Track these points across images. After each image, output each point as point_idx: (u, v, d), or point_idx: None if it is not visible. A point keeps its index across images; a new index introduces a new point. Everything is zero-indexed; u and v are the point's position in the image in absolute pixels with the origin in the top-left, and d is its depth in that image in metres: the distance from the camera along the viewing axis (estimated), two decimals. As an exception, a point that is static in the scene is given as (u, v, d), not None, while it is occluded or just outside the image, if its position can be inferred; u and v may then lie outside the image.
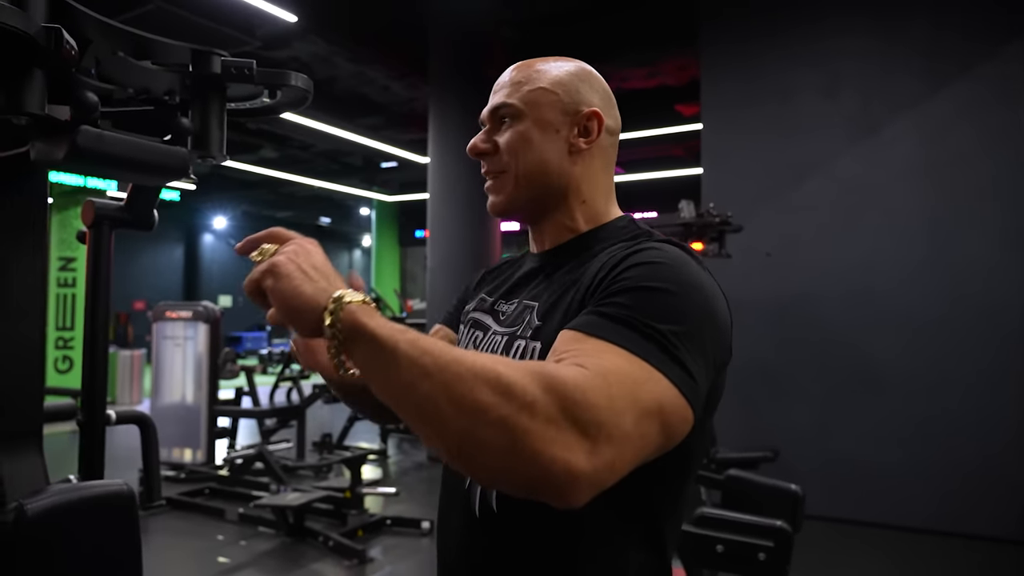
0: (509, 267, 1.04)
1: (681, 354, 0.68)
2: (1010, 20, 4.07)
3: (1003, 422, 3.98)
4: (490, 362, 0.60)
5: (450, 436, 0.59)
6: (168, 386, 5.69)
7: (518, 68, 0.93)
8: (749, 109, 4.83)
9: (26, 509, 0.86)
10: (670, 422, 0.66)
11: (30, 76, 0.80)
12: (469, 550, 0.86)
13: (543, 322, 0.83)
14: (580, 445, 0.58)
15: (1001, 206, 4.06)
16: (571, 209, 0.91)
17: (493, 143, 0.92)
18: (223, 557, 3.80)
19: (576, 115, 0.89)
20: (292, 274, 0.65)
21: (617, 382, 0.62)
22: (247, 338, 18.28)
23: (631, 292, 0.72)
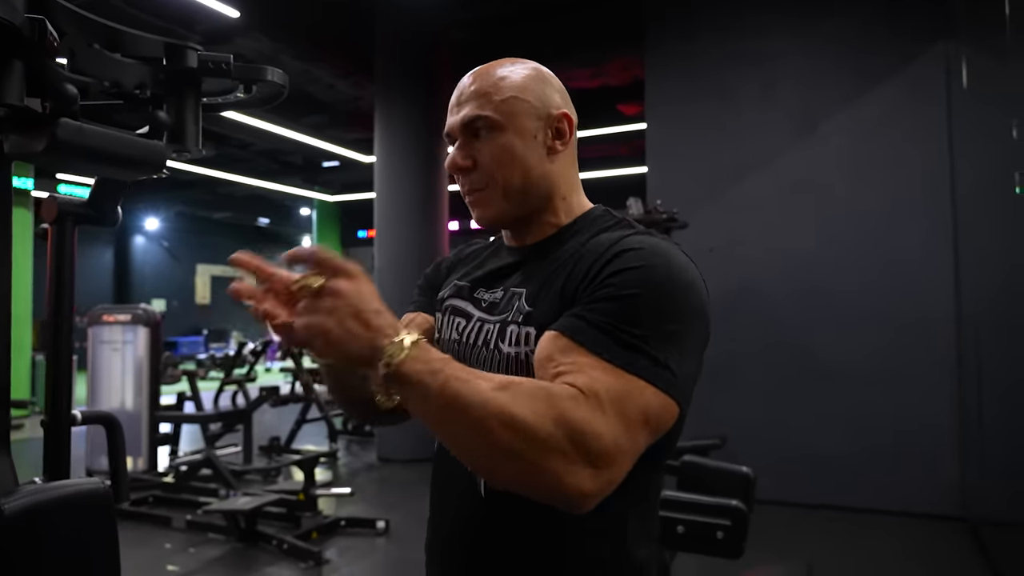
0: (480, 254, 1.05)
1: (662, 355, 0.74)
2: (934, 21, 4.30)
3: (940, 409, 4.22)
4: (507, 400, 0.68)
5: (480, 467, 0.74)
6: (105, 392, 5.48)
7: (478, 77, 0.92)
8: (692, 107, 4.98)
9: (3, 509, 0.85)
10: (657, 425, 0.75)
11: (10, 67, 0.79)
12: (474, 528, 0.89)
13: (533, 307, 0.87)
14: (588, 472, 0.68)
15: (932, 200, 4.30)
16: (554, 207, 0.94)
17: (472, 159, 0.91)
18: (172, 565, 3.70)
19: (548, 119, 0.91)
20: (340, 340, 0.67)
21: (610, 402, 0.71)
22: (183, 343, 17.72)
23: (613, 300, 0.77)
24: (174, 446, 6.05)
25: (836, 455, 4.42)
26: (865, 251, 4.43)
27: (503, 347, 0.87)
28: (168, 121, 0.99)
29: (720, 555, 1.81)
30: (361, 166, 11.24)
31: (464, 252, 1.11)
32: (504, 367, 0.86)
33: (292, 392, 7.00)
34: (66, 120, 0.83)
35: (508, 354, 0.86)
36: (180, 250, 20.23)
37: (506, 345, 0.87)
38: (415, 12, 6.03)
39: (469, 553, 0.89)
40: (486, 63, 0.95)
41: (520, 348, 0.85)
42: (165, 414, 5.63)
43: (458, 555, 0.91)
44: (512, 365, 0.86)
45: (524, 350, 0.85)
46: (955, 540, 3.89)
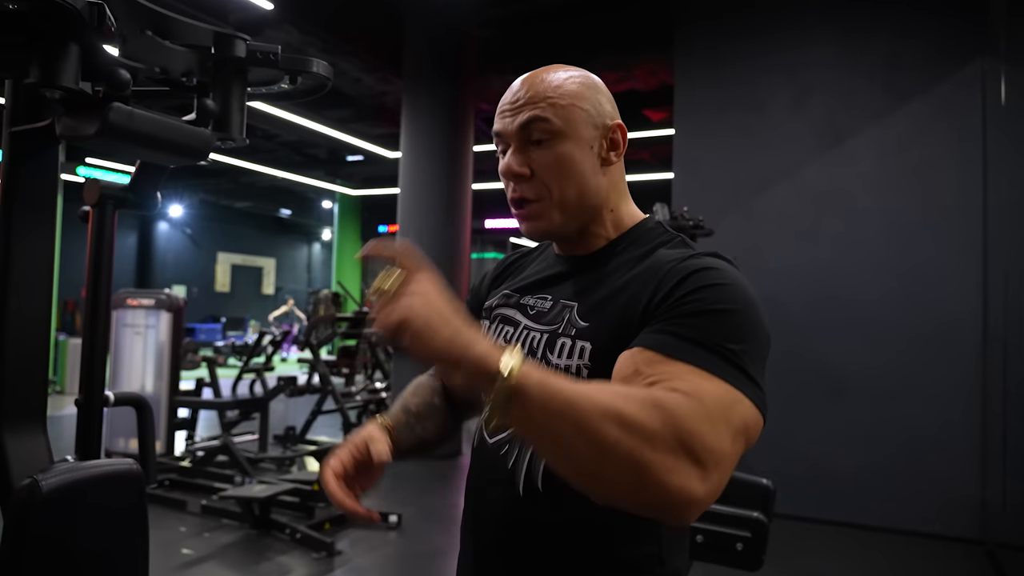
0: (526, 261, 1.05)
1: (752, 371, 0.74)
2: (970, 38, 4.25)
3: (960, 428, 4.15)
4: (610, 397, 0.65)
5: (582, 469, 0.66)
6: (127, 375, 5.55)
7: (534, 82, 0.90)
8: (720, 115, 4.95)
9: (40, 485, 0.86)
10: (752, 435, 0.73)
11: (66, 50, 0.80)
12: (510, 525, 0.89)
13: (587, 322, 0.86)
14: (696, 473, 0.64)
15: (961, 219, 4.23)
16: (603, 219, 0.93)
17: (528, 167, 0.89)
18: (187, 549, 3.74)
19: (604, 129, 0.90)
20: (424, 330, 0.64)
21: (714, 407, 0.69)
22: (201, 330, 17.88)
23: (705, 315, 0.76)
24: (191, 431, 6.11)
25: (849, 470, 4.37)
26: (888, 265, 4.38)
27: (552, 358, 0.87)
28: (215, 109, 1.00)
29: (739, 567, 1.80)
30: (385, 161, 11.28)
31: (508, 261, 1.11)
32: None
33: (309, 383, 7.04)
34: (118, 104, 0.84)
35: (557, 366, 0.86)
36: (202, 238, 20.43)
37: (555, 357, 0.86)
38: (444, 9, 6.04)
39: (506, 552, 0.89)
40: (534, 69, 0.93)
41: (572, 361, 0.84)
42: (184, 399, 5.68)
43: (492, 549, 0.91)
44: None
45: (576, 363, 0.84)
46: (970, 563, 3.84)
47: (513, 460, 0.89)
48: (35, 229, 1.01)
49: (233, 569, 3.58)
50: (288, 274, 23.36)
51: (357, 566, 3.61)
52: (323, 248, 23.92)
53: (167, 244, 19.94)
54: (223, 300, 21.10)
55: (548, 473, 0.85)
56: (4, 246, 0.96)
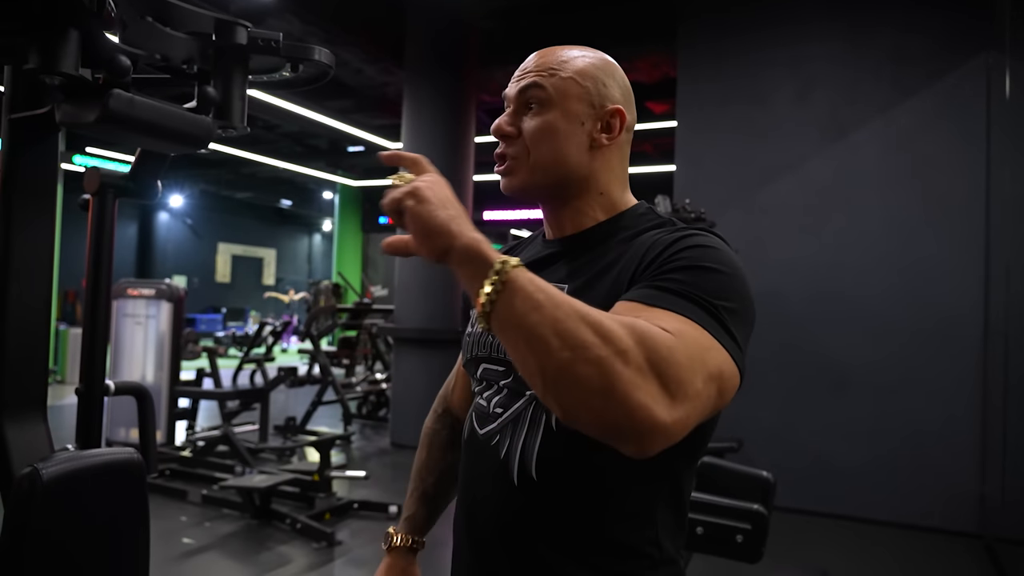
0: (518, 250, 1.07)
1: (732, 328, 0.74)
2: (974, 33, 4.23)
3: (961, 423, 4.15)
4: (590, 309, 0.66)
5: (551, 366, 0.64)
6: (127, 365, 5.55)
7: (545, 54, 0.94)
8: (723, 108, 4.93)
9: (41, 473, 0.86)
10: (725, 387, 0.72)
11: (65, 36, 0.79)
12: (505, 516, 0.89)
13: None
14: (663, 398, 0.63)
15: (963, 214, 4.22)
16: (590, 199, 0.94)
17: (517, 127, 0.93)
18: (187, 538, 3.75)
19: (601, 110, 0.91)
20: (430, 200, 0.70)
21: (690, 345, 0.68)
22: (201, 320, 17.90)
23: (688, 270, 0.77)
24: (192, 421, 6.13)
25: (850, 463, 4.38)
26: (889, 258, 4.37)
27: None
28: (216, 97, 0.99)
29: (739, 559, 1.80)
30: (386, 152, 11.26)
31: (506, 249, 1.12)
32: None
33: (309, 374, 7.05)
34: (118, 91, 0.83)
35: None
36: (202, 228, 20.41)
37: None
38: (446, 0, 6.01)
39: (506, 542, 0.89)
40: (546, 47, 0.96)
41: None
42: (184, 389, 5.69)
43: (491, 540, 0.91)
44: None
45: None
46: (969, 557, 3.85)
47: (505, 450, 0.89)
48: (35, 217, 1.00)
49: (234, 559, 3.59)
50: (289, 265, 23.36)
51: (357, 556, 3.62)
52: (324, 239, 23.91)
53: (168, 234, 19.93)
54: (224, 290, 21.11)
55: (542, 461, 0.86)
56: (4, 234, 0.95)
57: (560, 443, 0.85)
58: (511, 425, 0.89)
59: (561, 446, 0.85)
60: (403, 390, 6.15)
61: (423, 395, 6.04)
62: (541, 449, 0.85)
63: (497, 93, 8.94)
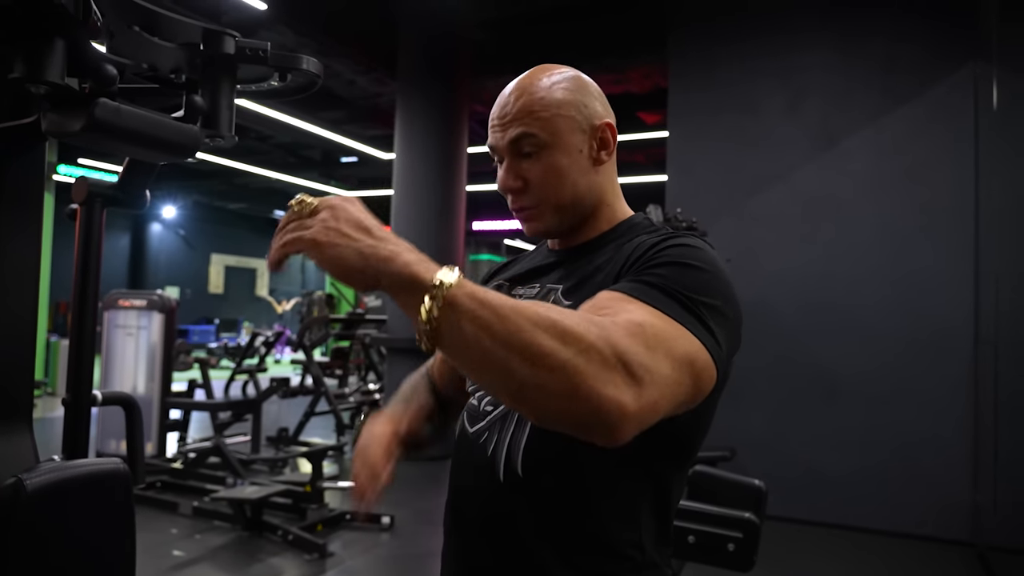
0: (520, 259, 1.10)
1: (709, 322, 0.75)
2: (962, 42, 4.26)
3: (952, 432, 4.16)
4: (544, 310, 0.64)
5: (513, 382, 0.63)
6: (118, 376, 5.52)
7: (521, 93, 0.93)
8: (714, 118, 4.96)
9: (25, 484, 0.85)
10: (700, 376, 0.73)
11: (51, 45, 0.79)
12: (492, 514, 0.90)
13: (571, 301, 0.89)
14: (629, 386, 0.63)
15: (953, 223, 4.25)
16: (598, 213, 0.98)
17: (522, 179, 0.94)
18: (178, 551, 3.72)
19: (592, 130, 0.94)
20: (332, 243, 0.65)
21: (655, 334, 0.69)
22: (194, 331, 17.82)
23: (668, 266, 0.79)
24: (183, 432, 6.08)
25: (842, 472, 4.38)
26: (881, 268, 4.39)
27: None
28: (203, 106, 0.99)
29: (730, 567, 1.80)
30: (379, 162, 11.27)
31: (505, 263, 1.17)
32: None
33: (302, 384, 7.02)
34: (104, 100, 0.83)
35: None
36: (195, 239, 20.36)
37: None
38: (438, 11, 6.04)
39: (490, 538, 0.90)
40: (524, 73, 0.96)
41: None
42: (176, 400, 5.65)
43: (476, 535, 0.92)
44: None
45: None
46: (962, 565, 3.85)
47: (492, 447, 0.90)
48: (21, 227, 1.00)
49: (225, 571, 3.56)
50: (281, 276, 23.29)
51: (349, 568, 3.60)
52: (317, 250, 23.79)
53: (160, 245, 19.86)
54: (217, 302, 21.03)
55: (528, 459, 0.87)
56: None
57: (545, 441, 0.85)
58: (499, 422, 0.91)
59: (546, 444, 0.85)
60: (396, 400, 6.13)
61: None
62: (527, 446, 0.87)
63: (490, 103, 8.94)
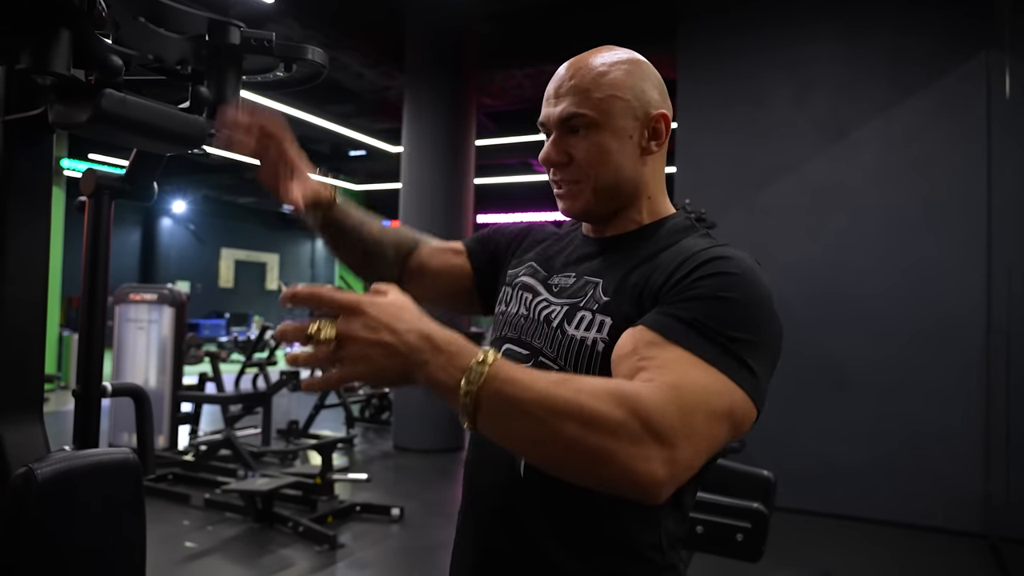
0: (558, 240, 1.06)
1: (749, 359, 0.74)
2: (973, 32, 4.22)
3: (963, 422, 4.14)
4: (572, 393, 0.65)
5: (547, 464, 0.68)
6: (130, 370, 5.57)
7: (578, 69, 0.91)
8: (723, 109, 4.92)
9: (36, 473, 0.86)
10: (739, 422, 0.73)
11: (57, 36, 0.80)
12: (511, 507, 0.89)
13: (610, 298, 0.87)
14: (659, 454, 0.65)
15: (964, 213, 4.21)
16: (639, 205, 0.94)
17: (567, 154, 0.91)
18: (190, 542, 3.75)
19: (646, 118, 0.90)
20: (368, 364, 0.65)
21: (692, 393, 0.69)
22: (204, 325, 17.92)
23: (706, 300, 0.77)
24: (195, 425, 6.13)
25: (852, 463, 4.36)
26: (890, 258, 4.36)
27: (568, 329, 0.88)
28: (209, 97, 0.99)
29: (739, 557, 1.80)
30: (387, 156, 11.27)
31: (537, 230, 1.12)
32: (567, 348, 0.87)
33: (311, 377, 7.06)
34: (110, 91, 0.84)
35: (573, 336, 0.87)
36: (205, 233, 20.46)
37: (572, 328, 0.87)
38: (446, 3, 6.03)
39: (510, 533, 0.89)
40: (583, 52, 0.93)
41: (591, 334, 0.85)
42: (187, 394, 5.70)
43: (493, 523, 0.91)
44: (575, 348, 0.86)
45: (595, 336, 0.85)
46: (973, 557, 3.83)
47: None
48: (30, 219, 1.00)
49: (236, 562, 3.59)
50: (292, 270, 23.39)
51: (359, 559, 3.62)
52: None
53: (171, 240, 19.96)
54: (227, 296, 21.14)
55: None
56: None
57: None
58: None
59: None
60: (406, 394, 6.14)
61: (425, 399, 6.04)
62: None
63: (497, 96, 8.96)
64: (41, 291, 1.04)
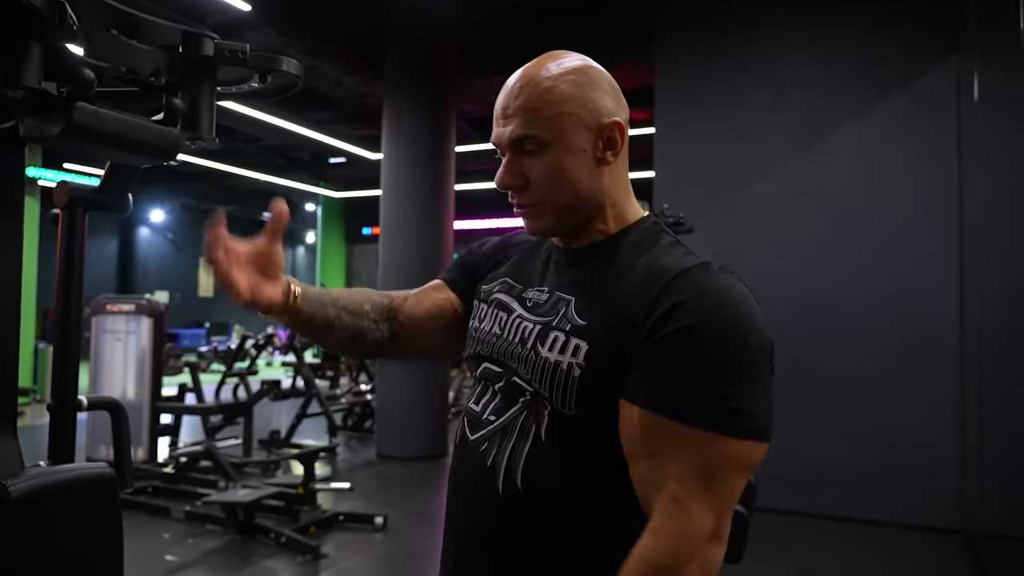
0: (532, 251, 1.05)
1: (749, 405, 0.77)
2: (945, 35, 4.29)
3: (939, 423, 4.20)
4: None
5: None
6: (108, 382, 5.49)
7: (523, 86, 0.89)
8: (700, 113, 4.97)
9: (10, 490, 0.85)
10: (754, 464, 0.78)
11: (27, 49, 0.79)
12: (488, 524, 0.88)
13: (586, 322, 0.85)
14: (712, 554, 0.75)
15: (938, 213, 4.27)
16: (604, 215, 0.92)
17: (522, 176, 0.90)
18: (170, 555, 3.71)
19: (599, 128, 0.88)
20: None
21: (706, 477, 0.75)
22: (184, 335, 17.73)
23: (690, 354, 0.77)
24: (174, 437, 6.06)
25: (832, 466, 4.41)
26: (867, 262, 4.42)
27: (542, 351, 0.86)
28: (183, 108, 0.99)
29: (720, 559, 1.81)
30: (367, 163, 11.25)
31: (511, 242, 1.11)
32: (540, 370, 0.86)
33: (293, 386, 7.00)
34: (82, 104, 0.83)
35: (547, 359, 0.85)
36: (184, 242, 20.27)
37: (545, 350, 0.86)
38: (425, 11, 6.04)
39: (487, 550, 0.88)
40: (532, 61, 0.91)
41: (564, 358, 0.84)
42: (166, 405, 5.63)
43: (477, 552, 0.90)
44: (550, 371, 0.85)
45: (569, 360, 0.83)
46: (951, 552, 3.89)
47: (492, 457, 0.88)
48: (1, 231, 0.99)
49: (218, 575, 3.55)
50: (272, 278, 23.17)
51: (343, 569, 3.59)
52: (307, 251, 23.80)
53: (149, 249, 19.75)
54: (207, 305, 20.94)
55: (527, 472, 0.84)
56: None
57: (548, 455, 0.84)
58: (500, 433, 0.88)
59: (549, 458, 0.84)
60: (388, 401, 6.13)
61: (408, 406, 6.02)
62: (528, 459, 0.84)
63: (477, 103, 8.98)
64: (14, 303, 1.03)
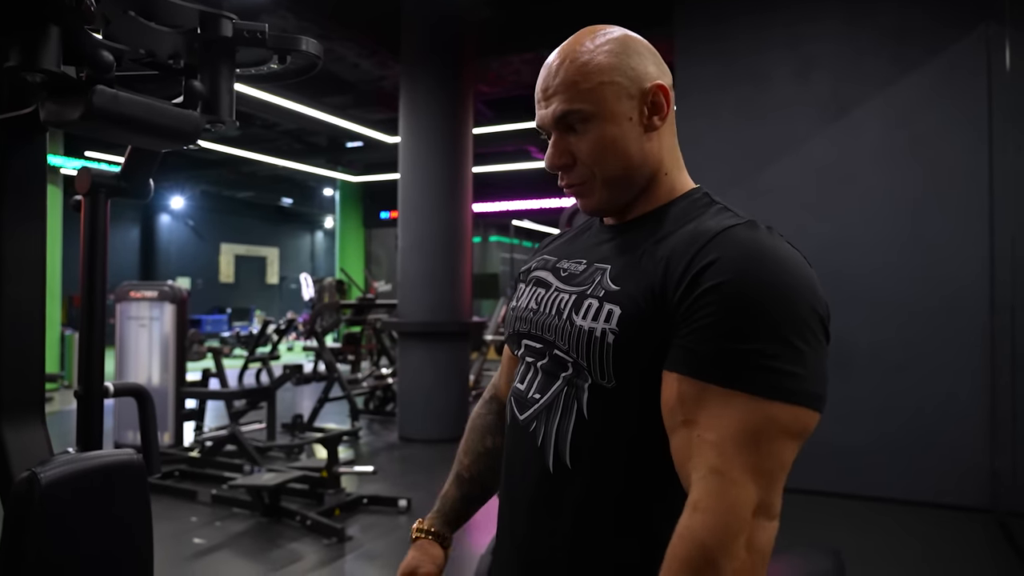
0: (578, 234, 1.04)
1: (798, 371, 0.73)
2: (972, 5, 4.18)
3: (969, 398, 4.13)
4: None
5: None
6: (133, 368, 5.57)
7: (563, 62, 0.87)
8: (722, 90, 4.89)
9: (40, 478, 0.85)
10: (805, 435, 0.77)
11: (46, 32, 0.78)
12: (541, 502, 0.89)
13: (620, 287, 0.84)
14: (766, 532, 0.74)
15: (966, 188, 4.19)
16: (656, 185, 0.91)
17: (569, 154, 0.89)
18: (198, 538, 3.76)
19: (642, 94, 0.86)
20: None
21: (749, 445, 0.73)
22: (207, 321, 17.94)
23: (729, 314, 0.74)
24: (199, 422, 6.14)
25: (859, 442, 4.36)
26: (894, 236, 4.34)
27: (576, 319, 0.85)
28: (203, 91, 0.97)
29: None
30: (385, 146, 11.23)
31: (559, 234, 1.11)
32: (575, 339, 0.85)
33: (315, 371, 7.06)
34: (102, 87, 0.82)
35: (580, 327, 0.84)
36: (205, 229, 20.44)
37: (580, 318, 0.85)
38: (442, -9, 5.98)
39: (538, 527, 0.89)
40: (569, 38, 0.90)
41: (598, 324, 0.82)
42: (191, 390, 5.70)
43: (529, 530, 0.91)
44: (584, 339, 0.83)
45: (603, 327, 0.82)
46: (982, 531, 3.84)
47: (542, 437, 0.88)
48: (25, 218, 0.99)
49: (245, 557, 3.60)
50: (292, 263, 23.39)
51: (368, 551, 3.63)
52: (326, 236, 23.92)
53: (170, 236, 19.95)
54: (228, 291, 21.16)
55: (576, 450, 0.85)
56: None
57: (592, 431, 0.84)
58: (546, 411, 0.88)
59: (593, 434, 0.84)
60: (409, 384, 6.15)
61: (430, 388, 6.04)
62: (574, 436, 0.85)
63: (494, 83, 8.91)
64: (39, 291, 1.03)
